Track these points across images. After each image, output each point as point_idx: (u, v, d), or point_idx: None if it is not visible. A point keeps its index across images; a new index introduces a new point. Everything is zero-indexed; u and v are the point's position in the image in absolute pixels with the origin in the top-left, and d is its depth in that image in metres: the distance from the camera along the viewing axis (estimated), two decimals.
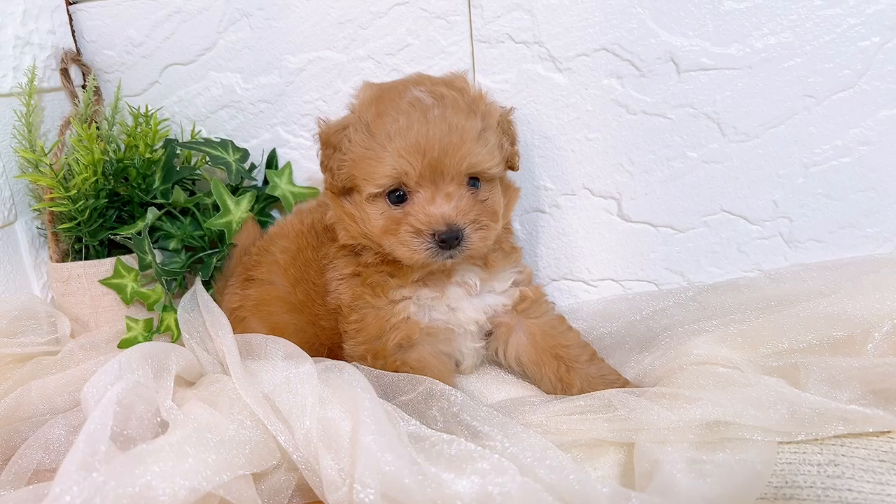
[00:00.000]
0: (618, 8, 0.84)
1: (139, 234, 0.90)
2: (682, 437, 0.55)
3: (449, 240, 0.68)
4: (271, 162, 1.04)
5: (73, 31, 1.08)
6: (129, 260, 0.96)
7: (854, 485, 0.54)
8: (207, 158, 0.98)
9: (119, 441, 0.60)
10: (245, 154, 1.01)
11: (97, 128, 0.93)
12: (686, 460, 0.52)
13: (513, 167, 0.77)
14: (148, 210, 0.92)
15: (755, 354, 0.66)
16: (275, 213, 1.07)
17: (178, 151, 0.99)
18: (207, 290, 0.90)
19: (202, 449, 0.57)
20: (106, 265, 0.95)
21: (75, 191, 0.88)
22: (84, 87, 1.04)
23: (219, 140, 1.00)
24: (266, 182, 1.03)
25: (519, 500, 0.45)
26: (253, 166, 1.03)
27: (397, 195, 0.71)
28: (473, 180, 0.72)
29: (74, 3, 1.05)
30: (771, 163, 0.85)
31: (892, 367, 0.59)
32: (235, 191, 0.99)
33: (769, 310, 0.72)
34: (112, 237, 0.93)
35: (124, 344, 0.93)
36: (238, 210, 0.96)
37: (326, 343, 0.82)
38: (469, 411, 0.59)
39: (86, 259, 0.96)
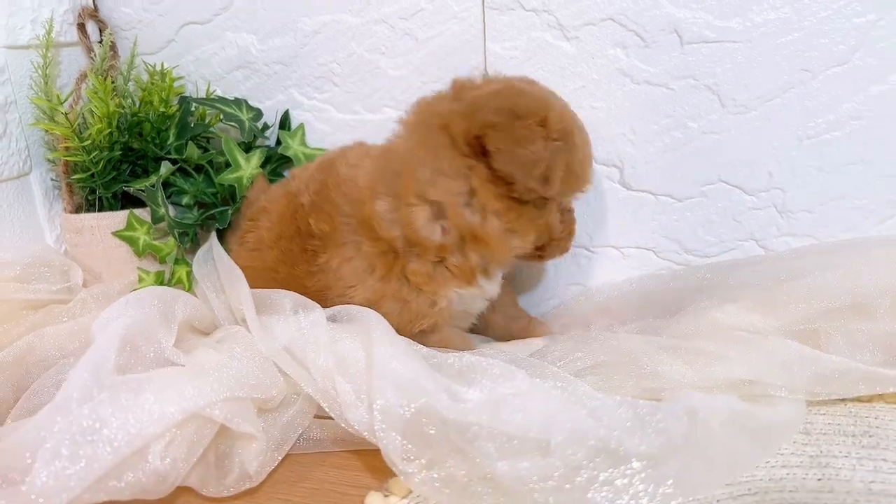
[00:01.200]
0: None
1: (153, 186, 0.93)
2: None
3: None
4: (284, 123, 1.07)
5: None
6: (142, 213, 0.98)
7: (889, 455, 0.56)
8: (221, 116, 1.00)
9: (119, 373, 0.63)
10: (258, 114, 1.04)
11: (112, 82, 0.96)
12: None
13: None
14: (162, 164, 0.94)
15: (778, 321, 0.70)
16: (286, 173, 1.10)
17: (192, 108, 1.01)
18: (222, 244, 0.93)
19: (197, 377, 0.59)
20: (119, 217, 0.98)
21: (90, 141, 0.91)
22: (101, 42, 1.06)
23: (233, 99, 1.02)
24: (279, 143, 1.06)
25: (530, 397, 0.48)
26: (266, 126, 1.06)
27: None
28: None
29: None
30: (767, 135, 0.88)
31: None
32: (248, 149, 1.02)
33: (786, 281, 0.75)
34: (126, 189, 0.96)
35: None
36: (248, 166, 0.98)
37: None
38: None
39: (99, 211, 0.99)
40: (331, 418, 0.66)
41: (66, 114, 0.89)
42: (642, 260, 0.99)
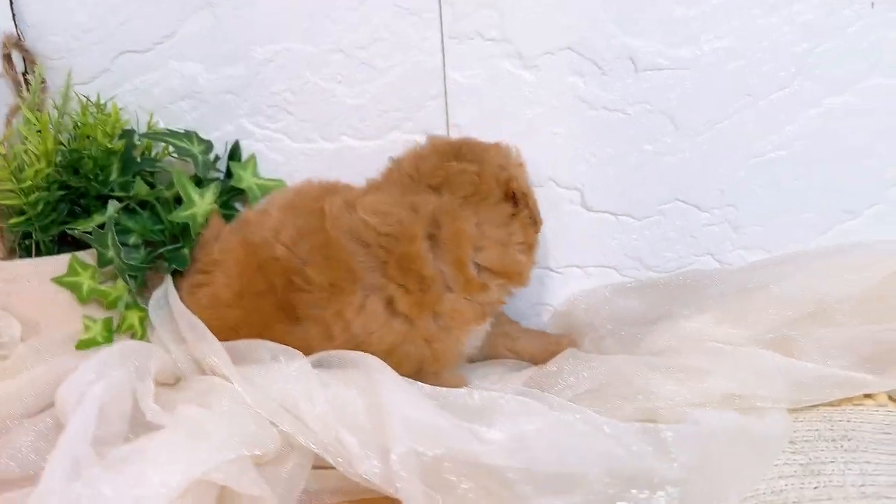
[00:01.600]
0: (582, 10, 0.90)
1: (101, 227, 0.86)
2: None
3: None
4: (234, 154, 1.02)
5: (13, 15, 1.01)
6: (84, 256, 0.91)
7: (870, 457, 0.59)
8: (170, 149, 0.95)
9: (103, 444, 0.57)
10: (209, 145, 0.99)
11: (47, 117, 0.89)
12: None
13: None
14: (109, 203, 0.88)
15: (747, 331, 0.73)
16: (238, 206, 1.05)
17: (136, 142, 0.95)
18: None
19: (192, 439, 0.56)
20: (59, 262, 0.90)
21: (29, 182, 0.83)
22: (28, 74, 0.98)
23: (182, 131, 0.97)
24: (228, 174, 1.01)
25: (558, 432, 0.48)
26: (217, 158, 1.01)
27: None
28: None
29: None
30: (717, 155, 0.93)
31: (873, 334, 0.68)
32: (199, 183, 0.97)
33: (748, 292, 0.79)
34: (69, 232, 0.88)
35: (82, 345, 0.88)
36: (203, 202, 0.93)
37: None
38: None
39: (35, 256, 0.91)
40: (327, 468, 0.63)
41: (3, 155, 0.81)
42: (604, 278, 1.02)
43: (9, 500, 0.61)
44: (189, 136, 0.97)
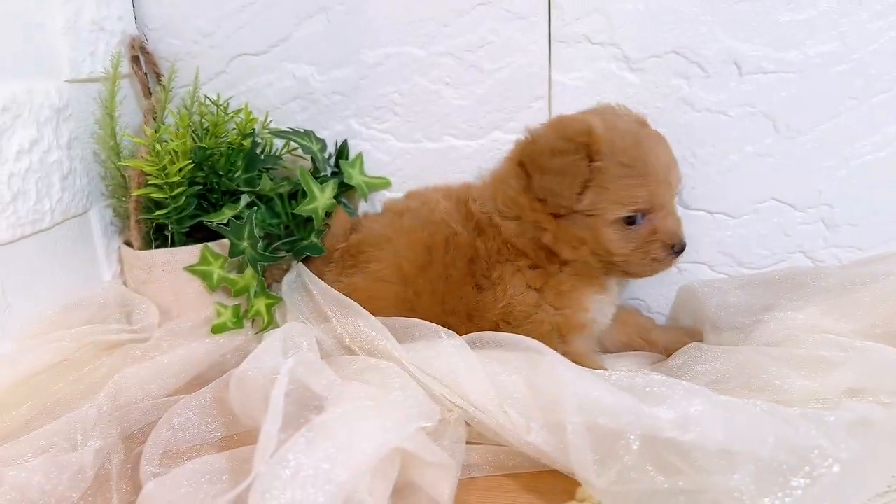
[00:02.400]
0: (689, 15, 0.93)
1: (238, 218, 0.92)
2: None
3: (683, 250, 0.83)
4: (342, 152, 1.08)
5: (135, 19, 1.08)
6: (215, 247, 0.97)
7: None
8: (291, 146, 1.00)
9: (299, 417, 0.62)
10: (324, 144, 1.05)
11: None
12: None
13: None
14: (241, 197, 0.94)
15: (854, 325, 0.76)
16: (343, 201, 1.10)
17: (258, 140, 1.01)
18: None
19: (380, 411, 0.61)
20: (192, 252, 0.96)
21: (175, 178, 0.89)
22: (161, 75, 1.04)
23: (302, 130, 1.02)
24: (335, 172, 1.07)
25: (721, 414, 0.52)
26: (331, 155, 1.06)
27: (632, 217, 0.82)
28: None
29: None
30: (817, 156, 0.96)
31: None
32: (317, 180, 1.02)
33: (853, 288, 0.82)
34: (206, 223, 0.94)
35: (216, 329, 0.95)
36: (323, 197, 0.98)
37: None
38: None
39: (170, 247, 0.97)
40: (478, 443, 0.68)
41: (157, 151, 0.87)
42: (697, 274, 1.05)
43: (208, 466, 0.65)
44: (308, 134, 1.02)
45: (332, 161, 1.07)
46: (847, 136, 0.94)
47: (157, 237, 0.99)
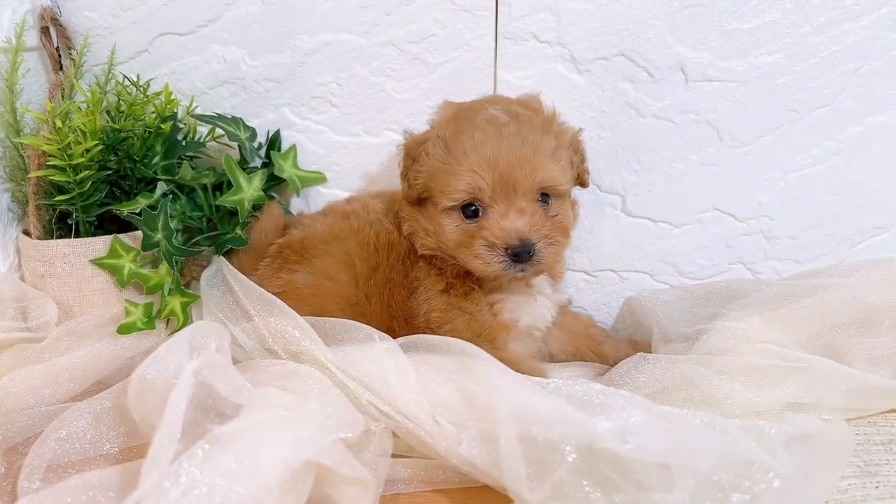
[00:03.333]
0: (638, 19, 0.91)
1: (151, 208, 0.84)
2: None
3: (521, 254, 0.73)
4: (274, 143, 1.01)
5: None
6: (126, 239, 0.88)
7: None
8: (217, 133, 0.93)
9: (203, 423, 0.56)
10: (254, 133, 0.98)
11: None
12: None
13: (583, 184, 0.85)
14: (157, 185, 0.86)
15: (794, 336, 0.75)
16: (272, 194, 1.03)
17: (180, 125, 0.93)
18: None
19: (294, 420, 0.55)
20: (99, 244, 0.87)
21: (79, 159, 0.80)
22: (58, 49, 0.95)
23: (229, 116, 0.95)
24: (265, 164, 1.00)
25: (661, 426, 0.48)
26: (260, 145, 0.99)
27: (472, 209, 0.76)
28: (544, 196, 0.78)
29: None
30: (759, 168, 0.96)
31: None
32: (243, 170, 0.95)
33: (794, 299, 0.81)
34: (116, 212, 0.85)
35: (124, 329, 0.86)
36: (250, 188, 0.91)
37: None
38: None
39: (74, 237, 0.87)
40: (404, 456, 0.62)
41: (58, 128, 0.78)
42: (639, 283, 1.04)
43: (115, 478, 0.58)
44: (236, 121, 0.95)
45: (263, 152, 1.00)
46: (788, 148, 0.95)
47: (61, 227, 0.90)
